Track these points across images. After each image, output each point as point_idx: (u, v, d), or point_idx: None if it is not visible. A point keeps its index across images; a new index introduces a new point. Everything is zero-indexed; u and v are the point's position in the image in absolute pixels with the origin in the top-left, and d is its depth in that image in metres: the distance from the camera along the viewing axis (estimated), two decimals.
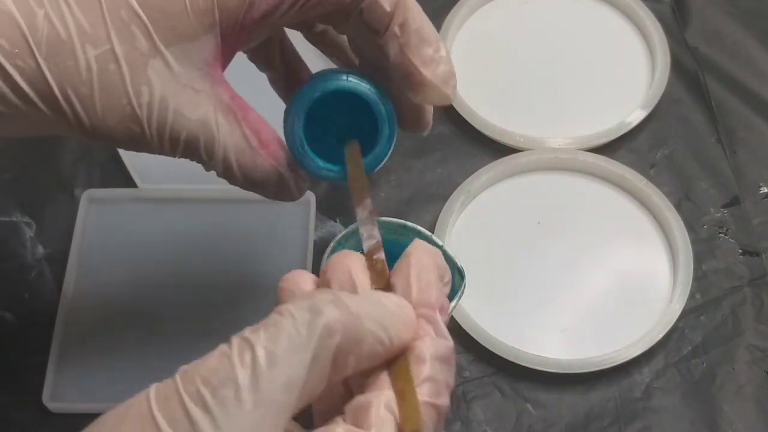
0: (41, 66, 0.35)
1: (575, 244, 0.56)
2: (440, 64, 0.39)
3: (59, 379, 0.51)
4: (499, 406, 0.51)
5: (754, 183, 0.59)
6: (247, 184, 0.40)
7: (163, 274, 0.54)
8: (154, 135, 0.37)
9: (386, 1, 0.37)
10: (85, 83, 0.35)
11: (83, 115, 0.36)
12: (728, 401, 0.51)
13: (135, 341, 0.52)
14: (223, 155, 0.38)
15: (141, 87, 0.36)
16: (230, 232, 0.56)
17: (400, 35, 0.38)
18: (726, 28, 0.65)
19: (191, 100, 0.37)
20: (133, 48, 0.35)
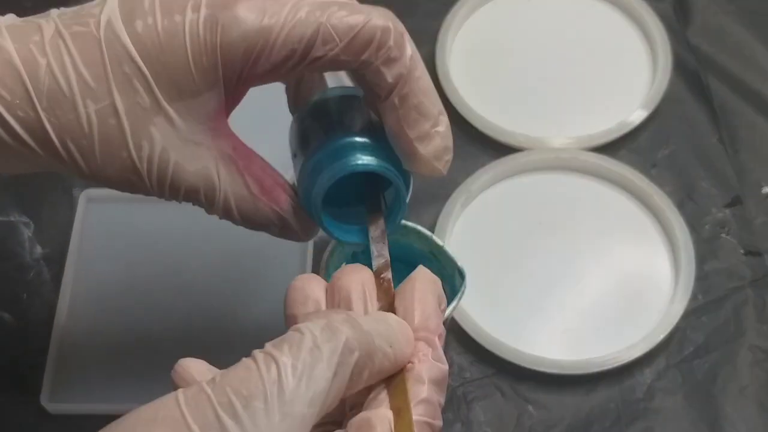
0: (41, 117, 0.35)
1: (576, 244, 0.56)
2: (435, 139, 0.38)
3: (58, 379, 0.51)
4: (500, 406, 0.51)
5: (756, 183, 0.59)
6: (249, 227, 0.40)
7: (162, 274, 0.54)
8: (154, 185, 0.37)
9: (390, 73, 0.36)
10: (85, 136, 0.35)
11: (82, 163, 0.36)
12: (730, 402, 0.50)
13: (134, 342, 0.52)
14: (223, 203, 0.38)
15: (142, 141, 0.36)
16: (229, 232, 0.55)
17: (399, 107, 0.37)
18: (728, 28, 0.65)
19: (192, 154, 0.37)
20: (135, 103, 0.35)
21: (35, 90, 0.35)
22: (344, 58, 0.36)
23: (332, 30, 0.35)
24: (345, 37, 0.35)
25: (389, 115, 0.38)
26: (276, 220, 0.40)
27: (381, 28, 0.36)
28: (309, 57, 0.35)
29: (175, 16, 0.35)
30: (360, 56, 0.36)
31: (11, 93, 0.34)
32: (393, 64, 0.36)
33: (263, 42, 0.35)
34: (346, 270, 0.35)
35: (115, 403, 0.50)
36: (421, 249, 0.48)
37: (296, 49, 0.35)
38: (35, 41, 0.35)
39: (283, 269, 0.54)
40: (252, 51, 0.35)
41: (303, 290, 0.35)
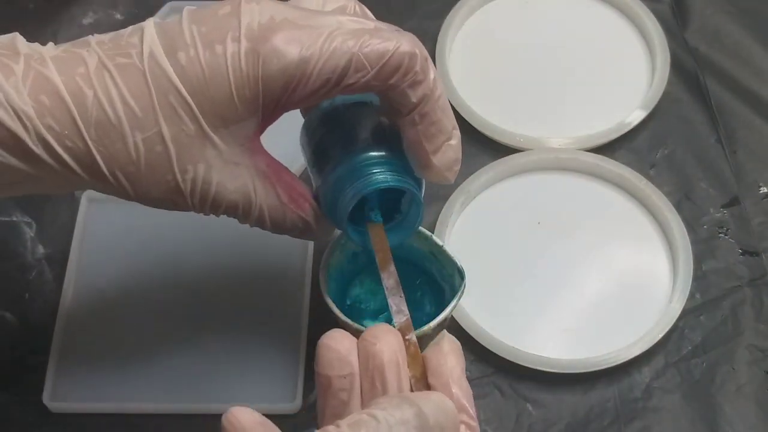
0: (90, 147, 0.36)
1: (575, 244, 0.56)
2: (448, 152, 0.41)
3: (59, 378, 0.51)
4: (499, 405, 0.51)
5: (754, 183, 0.59)
6: (274, 232, 0.43)
7: (163, 273, 0.54)
8: (197, 204, 0.39)
9: (414, 93, 0.39)
10: (133, 163, 0.37)
11: (129, 188, 0.38)
12: (728, 401, 0.51)
13: (135, 341, 0.52)
14: (258, 215, 0.41)
15: (187, 166, 0.38)
16: (230, 232, 0.55)
17: (419, 123, 0.40)
18: (726, 28, 0.65)
19: (232, 173, 0.39)
20: (180, 131, 0.37)
21: (83, 121, 0.36)
22: (374, 83, 0.38)
23: (364, 59, 0.37)
24: (376, 64, 0.37)
25: (409, 129, 0.40)
26: (301, 224, 0.42)
27: (409, 54, 0.38)
28: (342, 84, 0.37)
29: (215, 47, 0.36)
30: (388, 81, 0.38)
31: (60, 124, 0.36)
32: (418, 86, 0.39)
33: (301, 73, 0.37)
34: (376, 334, 0.36)
35: (116, 402, 0.50)
36: (421, 249, 0.48)
37: (331, 78, 0.37)
38: (80, 73, 0.36)
39: (283, 269, 0.54)
40: (291, 81, 0.37)
41: (336, 351, 0.35)
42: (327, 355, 0.35)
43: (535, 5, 0.66)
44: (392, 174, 0.41)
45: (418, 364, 0.37)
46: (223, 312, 0.53)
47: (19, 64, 0.36)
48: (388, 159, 0.42)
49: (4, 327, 0.53)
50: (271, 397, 0.50)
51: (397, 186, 0.41)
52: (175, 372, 0.51)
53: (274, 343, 0.52)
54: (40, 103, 0.35)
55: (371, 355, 0.35)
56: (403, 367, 0.36)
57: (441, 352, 0.36)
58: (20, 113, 0.35)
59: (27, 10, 0.66)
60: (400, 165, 0.42)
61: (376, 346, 0.35)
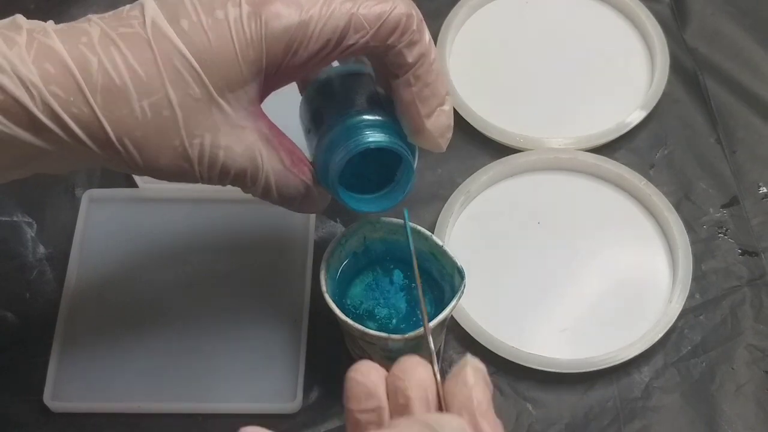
0: (97, 114, 0.36)
1: (575, 244, 0.56)
2: (441, 117, 0.42)
3: (60, 378, 0.51)
4: (499, 405, 0.51)
5: (754, 183, 0.59)
6: (280, 201, 0.43)
7: (164, 274, 0.54)
8: (204, 171, 0.39)
9: (410, 53, 0.40)
10: (140, 128, 0.37)
11: (137, 155, 0.38)
12: (727, 401, 0.51)
13: (136, 341, 0.52)
14: (265, 180, 0.41)
15: (194, 130, 0.38)
16: (230, 232, 0.56)
17: (414, 84, 0.41)
18: (725, 29, 0.65)
19: (239, 137, 0.39)
20: (187, 95, 0.37)
21: (89, 87, 0.36)
22: (373, 43, 0.39)
23: (363, 19, 0.38)
24: (374, 24, 0.38)
25: (403, 91, 0.41)
26: (303, 190, 0.43)
27: (405, 14, 0.39)
28: (342, 45, 0.38)
29: (217, 12, 0.37)
30: (387, 41, 0.39)
31: (65, 91, 0.36)
32: (414, 46, 0.40)
33: (302, 34, 0.38)
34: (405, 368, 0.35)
35: (116, 402, 0.50)
36: (421, 249, 0.48)
37: (331, 39, 0.38)
38: (84, 42, 0.36)
39: (284, 268, 0.54)
40: (293, 43, 0.38)
41: (365, 386, 0.34)
42: (354, 389, 0.35)
43: (535, 5, 0.66)
44: (384, 136, 0.42)
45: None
46: (223, 312, 0.53)
47: (22, 35, 0.36)
48: (381, 122, 0.42)
49: (5, 326, 0.53)
50: (271, 397, 0.50)
51: (388, 146, 0.42)
52: (175, 372, 0.51)
53: (274, 343, 0.52)
54: (44, 71, 0.35)
55: (400, 391, 0.34)
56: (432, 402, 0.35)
57: (466, 385, 0.35)
58: (25, 81, 0.35)
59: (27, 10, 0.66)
60: (393, 129, 0.42)
61: (404, 381, 0.34)
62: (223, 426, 0.50)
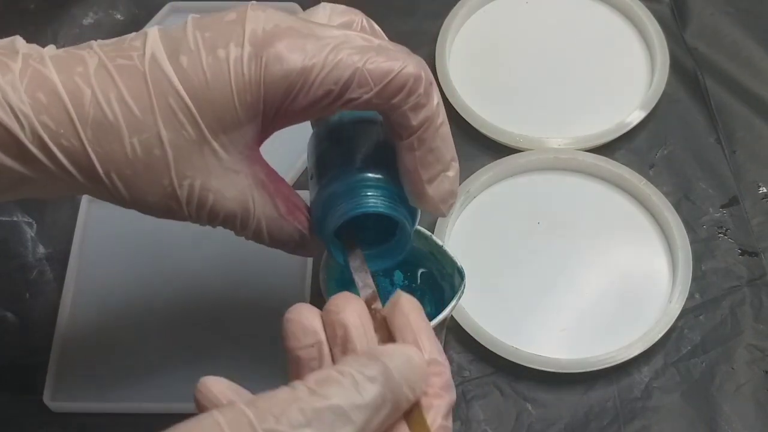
0: (86, 147, 0.36)
1: (574, 244, 0.56)
2: (444, 183, 0.40)
3: (60, 378, 0.51)
4: (499, 405, 0.51)
5: (753, 183, 0.59)
6: (272, 245, 0.42)
7: (164, 274, 0.54)
8: (193, 212, 0.39)
9: (415, 117, 0.38)
10: (129, 165, 0.36)
11: (124, 191, 0.37)
12: (727, 401, 0.51)
13: (135, 341, 0.52)
14: (255, 226, 0.40)
15: (185, 171, 0.37)
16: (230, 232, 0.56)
17: (417, 148, 0.39)
18: (725, 29, 0.65)
19: (231, 182, 0.38)
20: (180, 135, 0.36)
21: (80, 120, 0.35)
22: (376, 101, 0.37)
23: (368, 75, 0.36)
24: (379, 82, 0.37)
25: (406, 154, 0.39)
26: (298, 238, 0.42)
27: (413, 76, 0.37)
28: (344, 98, 0.37)
29: (218, 51, 0.36)
30: (391, 100, 0.37)
31: (56, 122, 0.35)
32: (420, 110, 0.38)
33: (303, 81, 0.36)
34: (339, 302, 0.35)
35: (117, 402, 0.50)
36: (421, 249, 0.48)
37: (333, 90, 0.36)
38: (79, 72, 0.36)
39: (283, 269, 0.54)
40: (293, 88, 0.36)
41: (300, 323, 0.35)
42: (291, 329, 0.35)
43: (535, 5, 0.66)
44: (384, 200, 0.40)
45: (385, 329, 0.36)
46: (223, 312, 0.53)
47: (17, 62, 0.36)
48: (383, 183, 0.41)
49: (5, 327, 0.53)
50: None
51: (387, 213, 0.41)
52: (175, 372, 0.51)
53: (274, 343, 0.51)
54: (36, 100, 0.35)
55: (337, 323, 0.35)
56: (369, 332, 0.35)
57: (402, 311, 0.36)
58: (16, 110, 0.35)
59: (27, 10, 0.66)
60: (396, 191, 0.41)
61: (339, 314, 0.35)
62: None
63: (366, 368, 0.32)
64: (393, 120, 0.39)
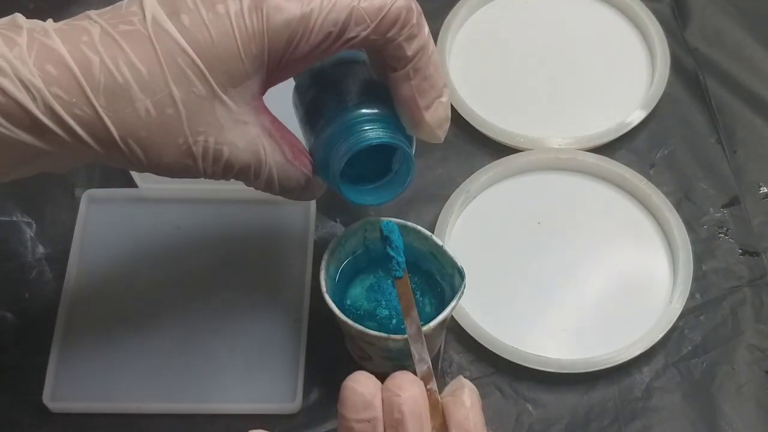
0: (100, 114, 0.36)
1: (575, 244, 0.56)
2: (439, 109, 0.42)
3: (59, 378, 0.51)
4: (499, 405, 0.51)
5: (754, 183, 0.59)
6: (281, 192, 0.43)
7: (163, 274, 0.54)
8: (209, 167, 0.39)
9: (410, 47, 0.40)
10: (144, 127, 0.37)
11: (141, 154, 0.38)
12: (728, 401, 0.51)
13: (135, 341, 0.52)
14: (268, 174, 0.41)
15: (198, 127, 0.38)
16: (230, 232, 0.56)
17: (413, 77, 0.41)
18: (726, 29, 0.65)
19: (242, 132, 0.39)
20: (190, 92, 0.37)
21: (91, 88, 0.36)
22: (373, 37, 0.39)
23: (363, 12, 0.38)
24: (374, 18, 0.38)
25: (402, 84, 0.41)
26: (304, 182, 0.43)
27: (405, 8, 0.39)
28: (343, 38, 0.38)
29: (217, 7, 0.37)
30: (387, 34, 0.39)
31: (68, 92, 0.35)
32: (413, 39, 0.40)
33: (304, 27, 0.38)
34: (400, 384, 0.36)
35: (116, 402, 0.50)
36: (421, 249, 0.48)
37: (332, 32, 0.38)
38: (85, 41, 0.36)
39: (284, 268, 0.54)
40: (294, 36, 0.38)
41: (363, 396, 0.35)
42: (351, 398, 0.35)
43: (535, 5, 0.66)
44: (384, 131, 0.42)
45: (438, 413, 0.37)
46: (222, 312, 0.53)
47: (23, 36, 0.36)
48: (380, 116, 0.42)
49: (4, 326, 0.53)
50: (271, 397, 0.50)
51: (389, 142, 0.42)
52: (175, 372, 0.51)
53: (274, 343, 0.52)
54: (46, 72, 0.35)
55: (395, 406, 0.35)
56: (425, 419, 0.36)
57: (464, 405, 0.36)
58: (27, 83, 0.35)
59: (27, 10, 0.66)
60: (392, 122, 0.42)
61: (400, 397, 0.35)
62: (223, 426, 0.50)
63: None
64: (387, 54, 0.40)
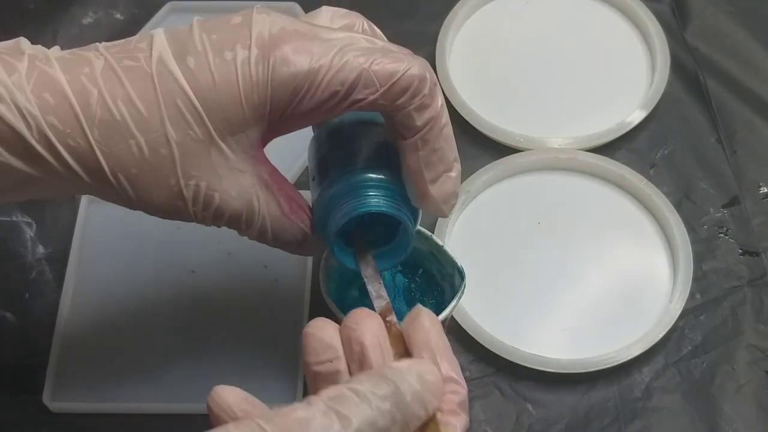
0: (93, 147, 0.36)
1: (575, 244, 0.56)
2: (447, 183, 0.41)
3: (60, 378, 0.51)
4: (499, 405, 0.51)
5: (754, 183, 0.59)
6: (276, 245, 0.42)
7: (163, 273, 0.54)
8: (199, 212, 0.39)
9: (420, 117, 0.38)
10: (136, 164, 0.37)
11: (130, 191, 0.37)
12: (728, 401, 0.51)
13: (135, 341, 0.52)
14: (260, 225, 0.40)
15: (191, 171, 0.37)
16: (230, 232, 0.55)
17: (421, 149, 0.39)
18: (726, 28, 0.65)
19: (237, 181, 0.38)
20: (186, 135, 0.37)
21: (87, 120, 0.36)
22: (382, 102, 0.38)
23: (374, 76, 0.37)
24: (385, 83, 0.37)
25: (409, 154, 0.40)
26: (300, 237, 0.42)
27: (418, 77, 0.38)
28: (350, 99, 0.37)
29: (225, 53, 0.36)
30: (396, 101, 0.38)
31: (63, 122, 0.35)
32: (424, 110, 0.38)
33: (310, 82, 0.37)
34: (356, 318, 0.36)
35: (116, 402, 0.50)
36: (421, 249, 0.48)
37: (339, 91, 0.37)
38: (86, 73, 0.36)
39: (284, 269, 0.54)
40: (300, 90, 0.37)
41: (320, 338, 0.35)
42: (312, 344, 0.35)
43: (535, 5, 0.66)
44: (386, 200, 0.41)
45: (400, 343, 0.37)
46: (222, 312, 0.53)
47: (23, 62, 0.36)
48: (385, 183, 0.41)
49: (5, 327, 0.53)
50: (271, 397, 0.50)
51: (389, 213, 0.41)
52: (175, 372, 0.51)
53: (274, 343, 0.52)
54: (43, 100, 0.35)
55: (354, 339, 0.35)
56: (385, 348, 0.36)
57: (422, 328, 0.36)
58: (23, 110, 0.35)
59: (27, 10, 0.66)
60: (398, 191, 0.41)
61: (356, 330, 0.35)
62: None
63: (378, 387, 0.32)
64: (397, 120, 0.39)
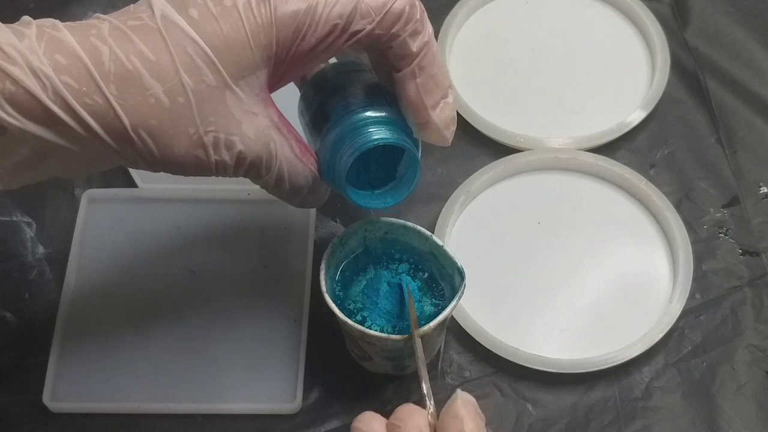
0: (111, 102, 0.36)
1: (575, 244, 0.56)
2: (446, 109, 0.43)
3: (59, 378, 0.51)
4: (499, 405, 0.51)
5: (754, 183, 0.59)
6: (290, 191, 0.43)
7: (163, 274, 0.54)
8: (220, 159, 0.39)
9: (414, 43, 0.40)
10: (155, 116, 0.37)
11: (152, 145, 0.37)
12: (728, 401, 0.51)
13: (135, 341, 0.52)
14: (278, 169, 0.41)
15: (208, 117, 0.38)
16: (230, 233, 0.56)
17: (418, 76, 0.41)
18: (726, 28, 0.65)
19: (252, 124, 0.39)
20: (201, 81, 0.37)
21: (102, 76, 0.36)
22: (378, 31, 0.39)
23: (368, 6, 0.39)
24: (379, 12, 0.39)
25: (408, 83, 0.42)
26: (311, 180, 0.43)
27: (408, 3, 0.40)
28: (349, 31, 0.39)
29: (224, 1, 0.37)
30: (391, 29, 0.40)
31: (78, 81, 0.35)
32: (417, 36, 0.40)
33: (310, 19, 0.38)
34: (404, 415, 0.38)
35: (116, 402, 0.50)
36: (421, 249, 0.48)
37: (338, 24, 0.39)
38: (94, 34, 0.36)
39: (284, 268, 0.54)
40: (302, 27, 0.38)
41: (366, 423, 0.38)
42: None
43: (535, 5, 0.66)
44: (391, 132, 0.42)
45: None
46: (222, 312, 0.53)
47: (31, 29, 0.36)
48: (386, 119, 0.42)
49: (5, 326, 0.53)
50: (271, 397, 0.50)
51: (395, 143, 0.42)
52: (175, 372, 0.51)
53: (274, 343, 0.52)
54: (55, 61, 0.35)
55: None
56: None
57: (457, 417, 0.37)
58: (37, 71, 0.35)
59: (27, 9, 0.66)
60: (399, 125, 0.43)
61: (401, 428, 0.37)
62: (223, 426, 0.50)
63: None
64: (392, 53, 0.41)
